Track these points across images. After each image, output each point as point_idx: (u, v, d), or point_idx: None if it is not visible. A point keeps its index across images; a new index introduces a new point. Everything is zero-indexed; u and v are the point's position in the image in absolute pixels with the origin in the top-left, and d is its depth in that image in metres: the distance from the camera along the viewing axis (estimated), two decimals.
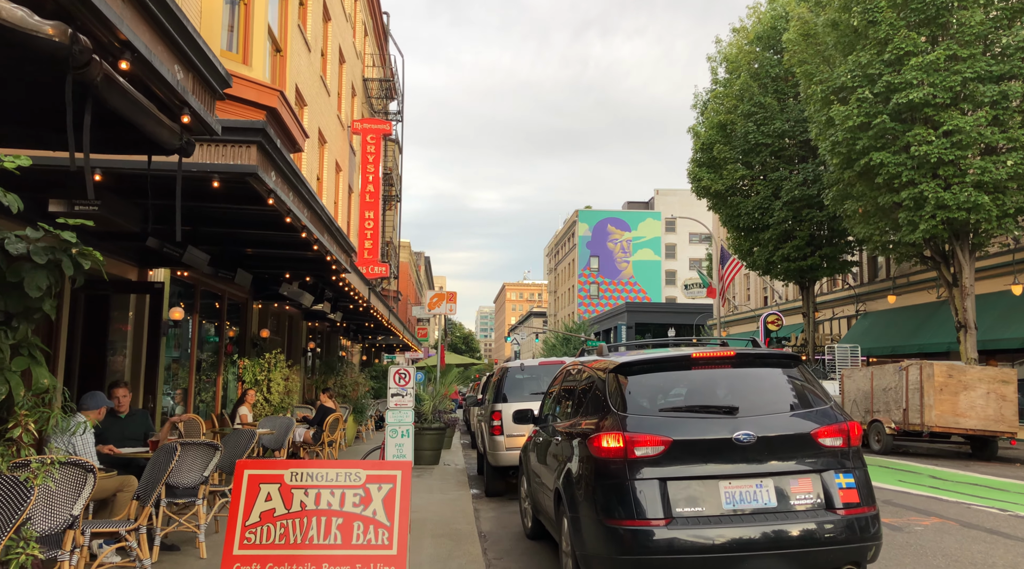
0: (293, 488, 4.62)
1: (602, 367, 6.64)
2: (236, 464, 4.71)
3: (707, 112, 34.43)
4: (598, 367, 6.78)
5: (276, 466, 4.74)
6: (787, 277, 33.12)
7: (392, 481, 4.74)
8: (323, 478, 4.66)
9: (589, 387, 6.88)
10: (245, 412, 14.56)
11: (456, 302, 19.63)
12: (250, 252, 10.50)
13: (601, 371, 6.61)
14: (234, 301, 16.49)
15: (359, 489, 4.65)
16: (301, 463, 4.76)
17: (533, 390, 13.10)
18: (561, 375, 8.61)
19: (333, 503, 4.59)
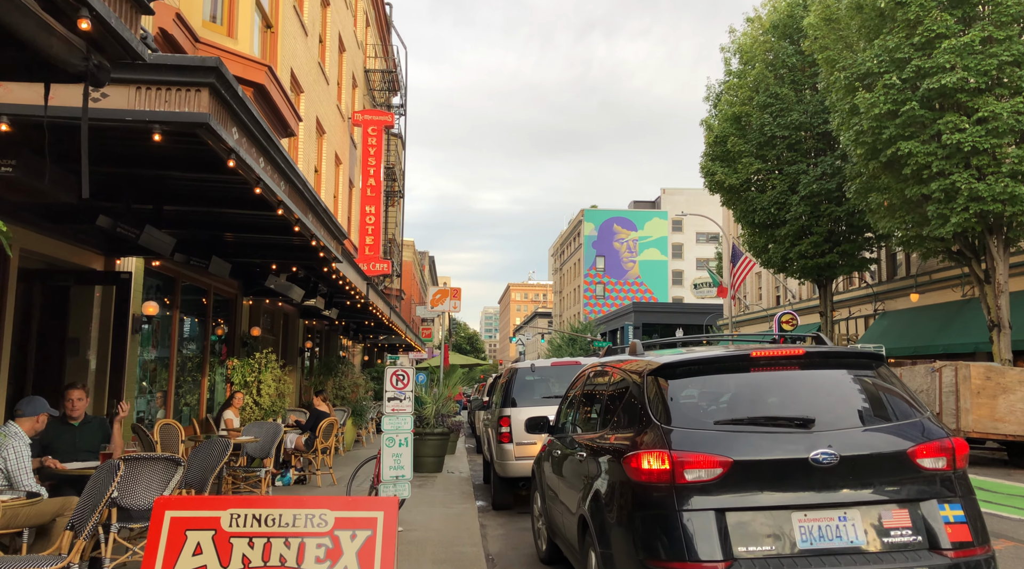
0: (233, 536, 3.42)
1: (638, 369, 5.47)
2: (155, 503, 3.53)
3: (720, 104, 33.25)
4: (632, 369, 5.60)
5: (210, 505, 3.54)
6: (804, 275, 31.89)
7: (371, 526, 3.52)
8: (275, 522, 3.46)
9: (621, 393, 5.71)
10: (231, 417, 13.40)
11: (460, 299, 18.48)
12: (229, 238, 9.34)
13: (637, 374, 5.43)
14: (222, 297, 15.34)
15: (325, 537, 3.44)
16: (246, 501, 3.56)
17: (545, 393, 11.93)
18: (582, 378, 7.44)
19: (288, 558, 3.36)
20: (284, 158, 6.35)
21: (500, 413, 11.83)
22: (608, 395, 6.03)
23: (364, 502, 3.62)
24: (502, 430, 11.65)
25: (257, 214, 7.69)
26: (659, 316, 74.85)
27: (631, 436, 5.08)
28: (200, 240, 9.01)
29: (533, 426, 8.10)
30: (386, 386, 9.91)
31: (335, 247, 9.09)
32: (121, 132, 4.89)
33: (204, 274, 13.78)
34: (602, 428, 5.85)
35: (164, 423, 11.31)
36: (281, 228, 8.08)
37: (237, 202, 7.15)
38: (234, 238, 9.33)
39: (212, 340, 15.03)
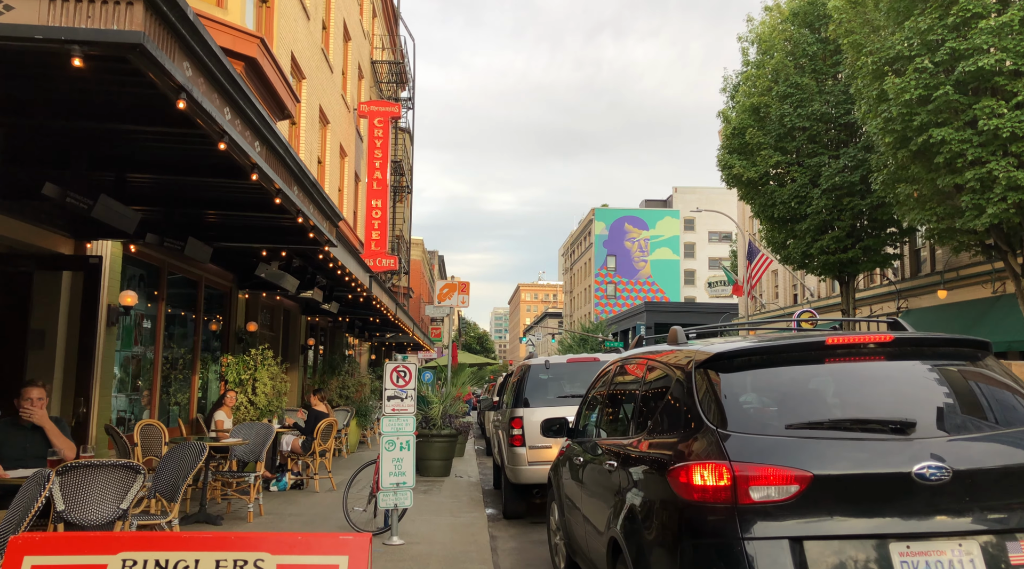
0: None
1: (682, 361, 4.48)
2: (9, 544, 2.54)
3: (738, 95, 32.16)
4: (674, 361, 4.62)
5: (95, 545, 2.47)
6: (825, 271, 30.78)
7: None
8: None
9: (659, 391, 4.73)
10: (222, 417, 12.48)
11: (469, 293, 17.51)
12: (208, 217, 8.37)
13: (681, 367, 4.45)
14: (215, 289, 14.42)
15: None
16: (147, 540, 2.56)
17: (561, 392, 10.96)
18: (607, 374, 6.45)
19: None
20: (260, 115, 5.39)
21: (512, 414, 10.85)
22: (643, 393, 5.05)
23: (322, 542, 2.57)
24: (514, 432, 10.68)
25: (232, 185, 6.75)
26: (672, 316, 73.67)
27: (675, 443, 4.10)
28: (175, 219, 8.07)
29: (550, 429, 7.13)
30: (385, 383, 8.96)
31: (327, 228, 8.13)
32: (33, 58, 3.95)
33: (194, 264, 12.86)
34: (636, 433, 4.87)
35: (146, 424, 10.39)
36: (263, 204, 7.12)
37: (208, 169, 6.21)
38: (214, 217, 8.36)
39: (204, 335, 14.11)
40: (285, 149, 6.20)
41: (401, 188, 36.72)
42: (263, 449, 10.25)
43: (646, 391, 4.99)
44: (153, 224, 8.14)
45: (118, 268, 9.77)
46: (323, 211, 7.92)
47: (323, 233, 7.86)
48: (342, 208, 26.45)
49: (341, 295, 15.69)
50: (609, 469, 5.06)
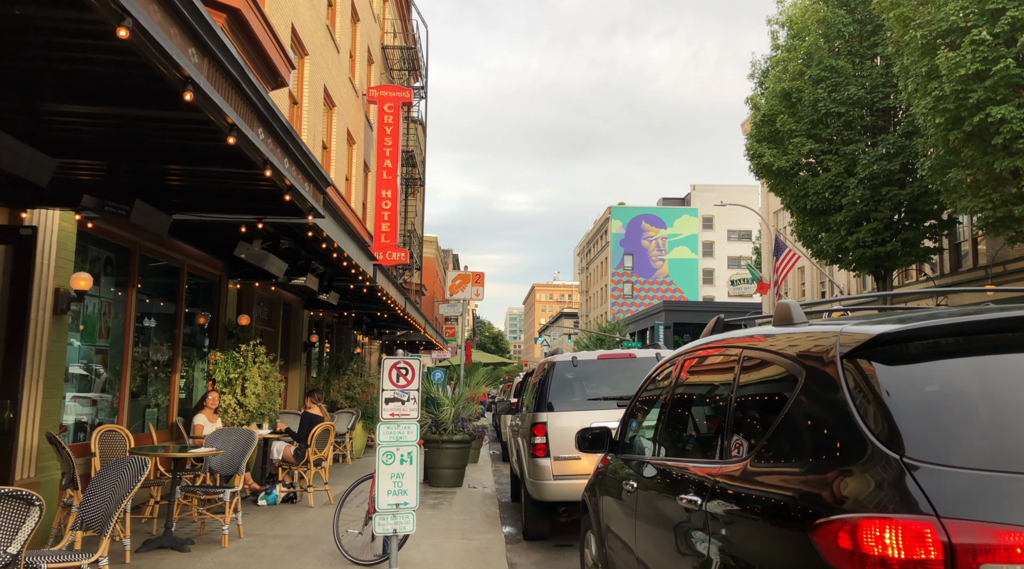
0: None
1: (814, 347, 2.92)
2: None
3: (767, 80, 30.48)
4: (801, 348, 3.03)
5: None
6: (861, 266, 29.06)
7: None
8: None
9: (773, 393, 3.16)
10: (202, 422, 11.01)
11: (484, 285, 15.96)
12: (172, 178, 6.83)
13: (813, 356, 2.88)
14: (201, 278, 12.94)
15: None
16: None
17: (591, 394, 9.40)
18: (670, 371, 4.85)
19: None
20: (196, 11, 3.87)
21: (533, 419, 9.30)
22: (739, 398, 3.48)
23: None
24: (536, 441, 9.13)
25: (171, 122, 5.23)
26: (691, 315, 71.87)
27: (817, 477, 2.54)
28: (119, 177, 6.55)
29: (586, 442, 5.58)
30: (382, 382, 7.43)
31: (310, 191, 6.60)
32: None
33: (174, 248, 11.38)
34: (731, 455, 3.31)
35: (106, 431, 8.90)
36: (220, 154, 5.61)
37: (131, 93, 4.70)
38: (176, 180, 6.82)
39: (188, 329, 12.63)
40: (243, 74, 4.68)
41: (413, 180, 35.24)
42: (243, 459, 8.73)
43: (746, 394, 3.42)
44: (87, 183, 6.63)
45: (70, 246, 8.28)
46: (304, 170, 6.40)
47: (304, 197, 6.34)
48: (350, 198, 24.99)
49: (342, 285, 14.18)
50: (688, 507, 3.50)
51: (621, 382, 9.38)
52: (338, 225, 9.72)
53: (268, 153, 5.33)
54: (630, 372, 9.47)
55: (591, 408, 9.16)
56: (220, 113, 4.48)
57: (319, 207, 7.02)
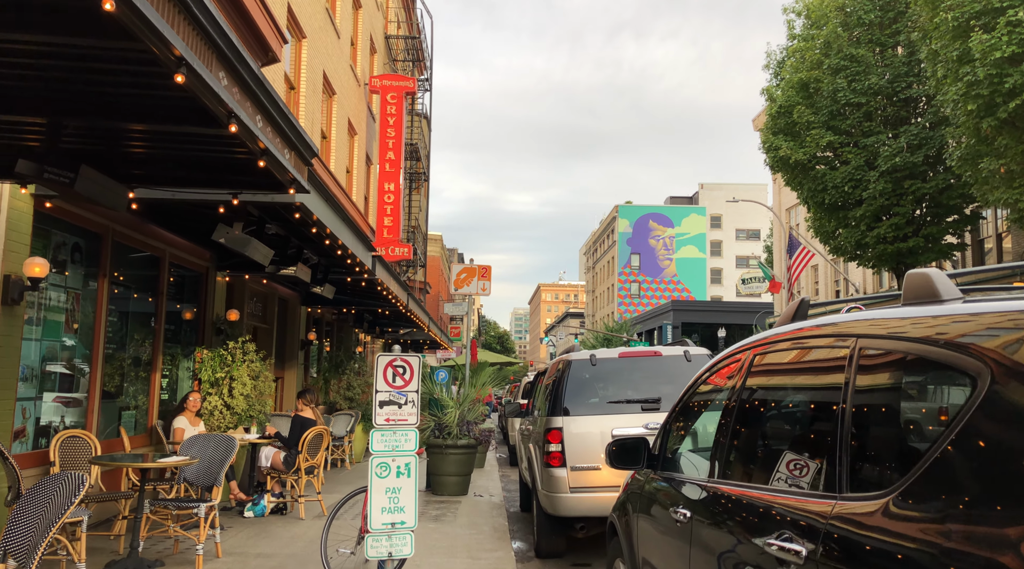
0: None
1: (1004, 335, 1.92)
2: None
3: (784, 70, 29.44)
4: (969, 336, 2.04)
5: None
6: (881, 263, 28.00)
7: None
8: None
9: (922, 400, 2.18)
10: (182, 425, 10.06)
11: (491, 279, 14.98)
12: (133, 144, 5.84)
13: (1005, 347, 1.88)
14: (186, 269, 11.99)
15: None
16: None
17: (613, 397, 8.41)
18: (732, 369, 3.80)
19: None
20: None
21: (547, 425, 8.30)
22: (859, 405, 2.47)
23: None
24: (550, 449, 8.14)
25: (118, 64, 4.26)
26: (700, 315, 70.75)
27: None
28: (62, 139, 5.56)
29: (620, 455, 4.61)
30: (376, 383, 6.45)
31: (291, 160, 5.64)
32: None
33: (154, 235, 10.43)
34: (851, 487, 2.32)
35: (68, 437, 7.94)
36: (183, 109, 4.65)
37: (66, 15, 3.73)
38: (118, 136, 5.81)
39: (171, 324, 11.67)
40: (230, 43, 3.70)
41: (417, 174, 34.26)
42: (221, 469, 7.75)
43: (872, 402, 2.43)
44: (31, 149, 5.64)
45: (25, 228, 7.33)
46: (283, 133, 5.43)
47: (282, 165, 5.38)
48: (351, 191, 24.05)
49: (338, 278, 13.20)
50: (782, 557, 2.50)
51: (645, 383, 8.40)
52: (330, 208, 8.74)
53: (233, 104, 4.36)
54: (655, 372, 8.50)
55: (612, 412, 8.18)
56: (163, 41, 3.51)
57: (303, 180, 6.04)
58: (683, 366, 8.49)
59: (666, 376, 8.43)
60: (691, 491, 3.78)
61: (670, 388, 8.30)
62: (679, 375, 8.45)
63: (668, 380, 8.39)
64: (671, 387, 8.32)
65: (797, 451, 2.95)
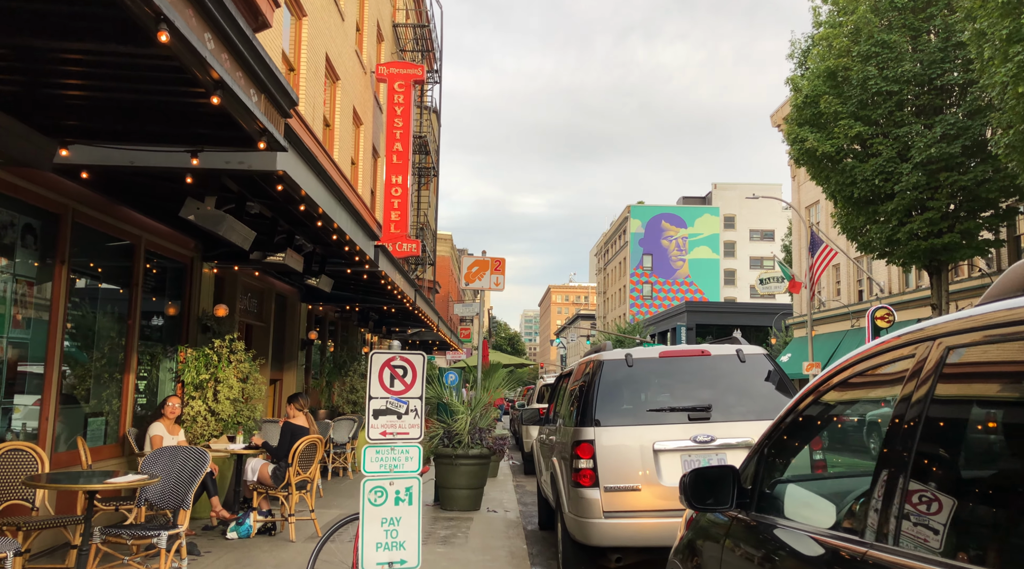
0: None
1: None
2: None
3: (810, 59, 28.10)
4: None
5: None
6: (913, 260, 26.59)
7: None
8: None
9: None
10: (159, 432, 8.85)
11: (505, 273, 13.73)
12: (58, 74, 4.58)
13: None
14: (166, 258, 10.78)
15: None
16: None
17: (654, 403, 7.14)
18: (908, 367, 2.45)
19: None
20: None
21: (576, 437, 7.03)
22: None
23: None
24: (580, 465, 6.87)
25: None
26: (714, 316, 69.32)
27: None
28: None
29: (701, 489, 3.33)
30: (370, 387, 5.21)
31: (260, 105, 4.41)
32: None
33: (125, 218, 9.21)
34: None
35: (8, 450, 6.72)
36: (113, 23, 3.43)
37: None
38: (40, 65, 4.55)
39: (149, 320, 10.46)
40: None
41: (427, 169, 33.03)
42: (189, 488, 6.52)
43: None
44: None
45: None
46: (250, 71, 4.20)
47: (247, 109, 4.14)
48: (357, 184, 22.85)
49: (337, 271, 11.95)
50: None
51: (692, 388, 7.13)
52: (321, 183, 7.51)
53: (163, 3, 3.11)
54: (703, 374, 7.22)
55: (653, 422, 6.91)
56: None
57: (277, 134, 4.81)
58: (736, 368, 7.22)
59: (716, 379, 7.16)
60: (813, 549, 2.51)
61: (721, 394, 7.04)
62: (731, 378, 7.19)
63: (718, 384, 7.13)
64: (723, 393, 7.06)
65: None
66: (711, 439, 6.77)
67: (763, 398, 7.02)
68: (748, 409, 6.91)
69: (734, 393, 7.08)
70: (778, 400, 6.96)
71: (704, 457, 6.78)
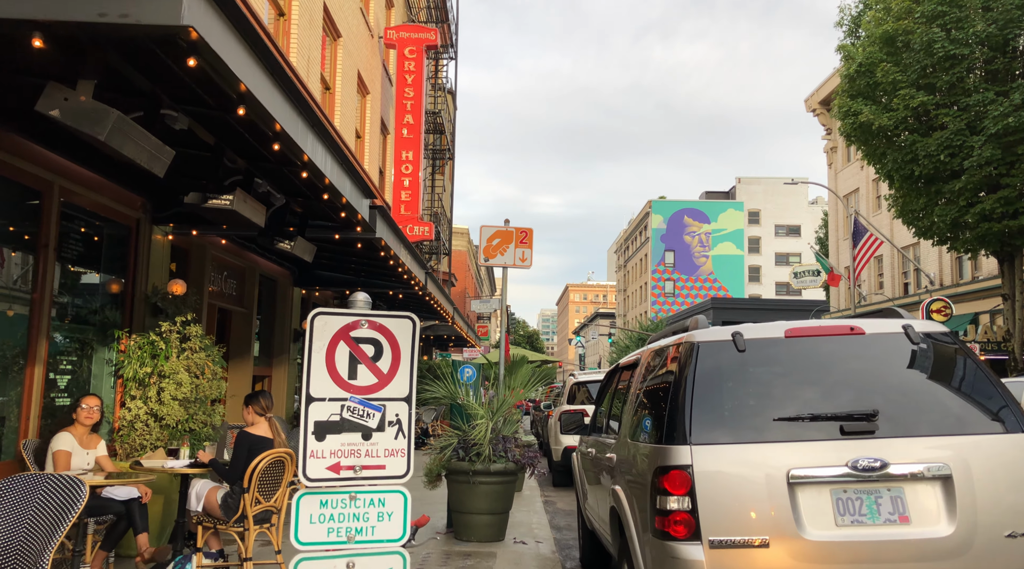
0: None
1: None
2: None
3: (865, 24, 25.43)
4: None
5: None
6: (982, 245, 23.83)
7: None
8: None
9: None
10: (65, 446, 6.41)
11: (532, 247, 11.25)
12: None
13: None
14: (99, 216, 8.35)
15: None
16: None
17: (782, 408, 4.56)
18: None
19: None
20: None
21: (661, 459, 4.49)
22: None
23: None
24: (668, 504, 4.34)
25: None
26: (741, 313, 66.29)
27: None
28: None
29: None
30: (308, 379, 2.65)
31: None
32: None
33: (22, 153, 6.77)
34: None
35: None
36: None
37: None
38: None
39: (70, 297, 8.04)
40: None
41: (441, 151, 30.56)
42: (46, 544, 4.05)
43: None
44: None
45: None
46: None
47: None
48: (363, 159, 20.42)
49: (322, 237, 9.39)
50: None
51: (840, 383, 4.59)
52: (276, 85, 5.05)
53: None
54: (854, 363, 4.68)
55: (784, 437, 4.38)
56: None
57: None
58: (905, 353, 4.68)
59: (876, 371, 4.63)
60: None
61: (888, 393, 4.51)
62: (900, 369, 4.66)
63: (882, 379, 4.59)
64: (890, 392, 4.53)
65: None
66: (880, 465, 4.24)
67: (954, 400, 4.50)
68: (936, 417, 4.39)
69: (907, 392, 4.55)
70: (978, 401, 4.44)
71: (871, 494, 4.26)
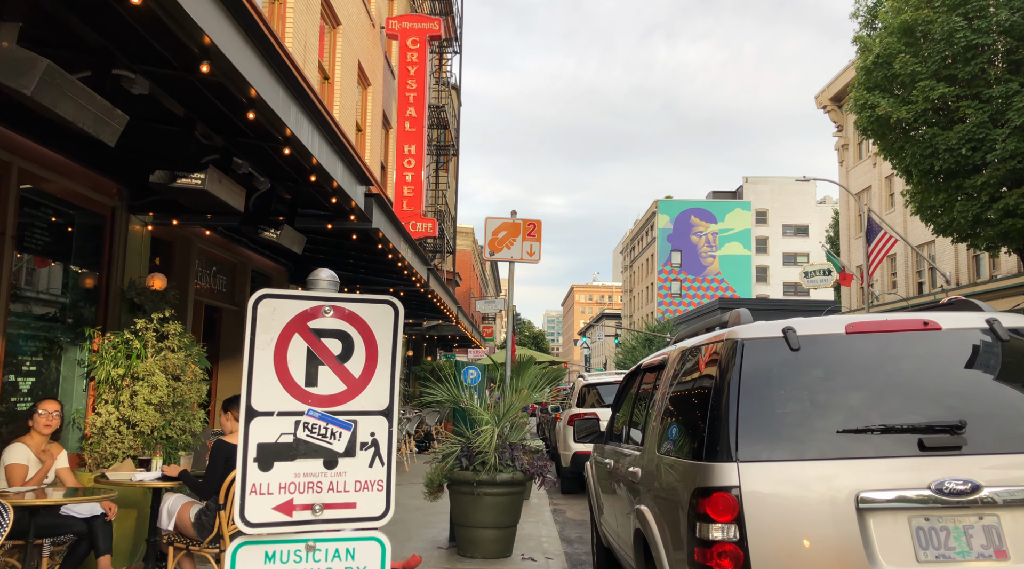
0: None
1: None
2: None
3: (883, 14, 24.66)
4: None
5: None
6: (1005, 242, 23.08)
7: None
8: None
9: None
10: (19, 458, 5.74)
11: (541, 239, 10.51)
12: None
13: None
14: (70, 203, 7.65)
15: None
16: None
17: (847, 418, 3.77)
18: None
19: None
20: None
21: (701, 479, 3.74)
22: None
23: None
24: (711, 532, 3.60)
25: None
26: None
27: None
28: None
29: None
30: (249, 384, 1.91)
31: None
32: None
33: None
34: None
35: None
36: None
37: None
38: None
39: (36, 290, 7.34)
40: None
41: (445, 147, 29.83)
42: None
43: None
44: None
45: None
46: None
47: None
48: (364, 152, 19.70)
49: (313, 227, 8.63)
50: None
51: (914, 388, 3.84)
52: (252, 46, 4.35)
53: None
54: (933, 364, 3.93)
55: (850, 453, 3.63)
56: None
57: None
58: (990, 352, 3.93)
59: (957, 374, 3.88)
60: None
61: (975, 401, 3.76)
62: (986, 371, 3.92)
63: (965, 383, 3.85)
64: (977, 399, 3.78)
65: None
66: (971, 487, 3.49)
67: None
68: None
69: (997, 399, 3.80)
70: None
71: (959, 523, 3.52)
